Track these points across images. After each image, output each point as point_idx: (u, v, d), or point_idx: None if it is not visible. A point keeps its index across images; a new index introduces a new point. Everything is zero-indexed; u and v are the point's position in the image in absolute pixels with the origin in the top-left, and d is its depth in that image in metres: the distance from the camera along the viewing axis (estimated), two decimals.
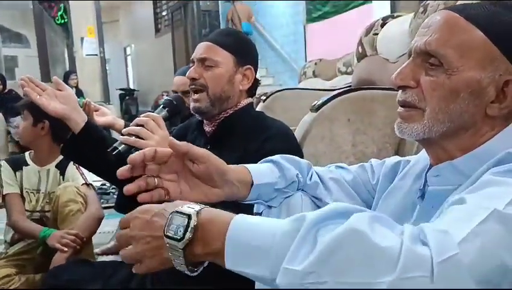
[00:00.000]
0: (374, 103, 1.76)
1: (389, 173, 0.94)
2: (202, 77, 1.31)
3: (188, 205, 0.62)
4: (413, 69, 0.75)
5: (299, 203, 0.92)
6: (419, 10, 1.98)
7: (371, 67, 2.59)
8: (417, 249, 0.48)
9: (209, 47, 1.33)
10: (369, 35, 2.64)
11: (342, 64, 5.02)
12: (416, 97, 0.74)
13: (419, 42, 0.74)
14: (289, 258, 0.51)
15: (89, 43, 10.29)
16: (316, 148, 1.71)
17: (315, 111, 1.72)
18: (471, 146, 0.73)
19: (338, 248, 0.49)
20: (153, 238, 0.61)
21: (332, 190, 0.96)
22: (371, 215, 0.53)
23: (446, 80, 0.70)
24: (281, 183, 0.91)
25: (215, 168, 0.81)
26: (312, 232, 0.52)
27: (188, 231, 0.58)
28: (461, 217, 0.53)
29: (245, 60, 1.35)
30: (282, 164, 0.93)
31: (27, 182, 1.94)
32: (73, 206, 1.77)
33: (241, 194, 0.87)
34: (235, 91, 1.34)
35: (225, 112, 1.35)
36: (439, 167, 0.76)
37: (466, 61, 0.70)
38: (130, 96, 11.77)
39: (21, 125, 1.91)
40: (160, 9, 12.33)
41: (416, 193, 0.81)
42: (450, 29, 0.71)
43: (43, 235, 1.71)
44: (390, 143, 1.75)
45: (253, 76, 1.37)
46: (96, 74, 10.47)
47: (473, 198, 0.57)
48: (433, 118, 0.72)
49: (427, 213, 0.74)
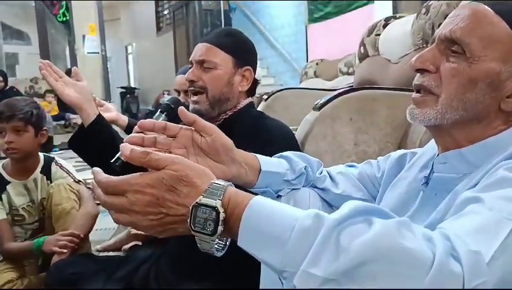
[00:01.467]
0: (376, 103, 1.77)
1: (395, 165, 0.95)
2: (201, 79, 1.31)
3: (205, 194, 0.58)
4: (434, 55, 0.75)
5: (306, 198, 0.92)
6: (422, 11, 1.99)
7: (373, 68, 2.60)
8: (450, 265, 0.48)
9: (208, 48, 1.31)
10: (371, 35, 2.65)
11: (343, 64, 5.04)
12: (433, 82, 0.74)
13: (445, 30, 0.74)
14: (310, 261, 0.50)
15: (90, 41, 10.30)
16: (318, 147, 1.72)
17: (317, 110, 1.73)
18: (481, 138, 0.73)
19: (364, 260, 0.48)
20: (166, 215, 0.58)
21: (339, 182, 0.97)
22: (396, 221, 0.52)
23: (466, 67, 0.71)
24: (290, 175, 0.91)
25: (222, 142, 0.82)
26: (334, 235, 0.51)
27: (220, 225, 0.56)
28: (485, 228, 0.53)
29: (244, 61, 1.34)
30: (290, 157, 0.94)
31: (18, 200, 1.81)
32: (67, 204, 1.75)
33: (249, 179, 0.86)
34: (234, 92, 1.33)
35: (225, 113, 1.34)
36: (446, 155, 0.77)
37: (489, 52, 0.70)
38: (130, 94, 11.79)
39: (19, 140, 1.73)
40: (162, 8, 12.35)
41: (421, 181, 0.81)
42: (477, 19, 0.72)
43: (37, 246, 1.66)
44: (391, 142, 1.76)
45: (252, 77, 1.36)
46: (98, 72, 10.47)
47: (491, 200, 0.57)
48: (448, 105, 0.72)
49: (430, 200, 0.75)
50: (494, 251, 0.51)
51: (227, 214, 0.57)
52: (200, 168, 0.62)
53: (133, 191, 0.59)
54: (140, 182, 0.59)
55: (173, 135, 0.81)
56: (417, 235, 0.51)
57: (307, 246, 0.51)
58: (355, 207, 0.53)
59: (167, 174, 0.59)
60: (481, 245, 0.51)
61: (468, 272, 0.48)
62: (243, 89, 1.35)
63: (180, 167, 0.60)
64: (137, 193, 0.59)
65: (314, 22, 8.16)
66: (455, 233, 0.52)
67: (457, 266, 0.48)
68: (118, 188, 0.60)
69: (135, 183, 0.59)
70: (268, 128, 1.32)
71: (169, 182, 0.59)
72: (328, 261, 0.49)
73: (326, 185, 0.97)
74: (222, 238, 0.60)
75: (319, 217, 0.53)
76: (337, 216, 0.52)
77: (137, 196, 0.58)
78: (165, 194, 0.58)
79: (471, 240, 0.51)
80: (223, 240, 0.60)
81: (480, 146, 0.73)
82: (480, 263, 0.49)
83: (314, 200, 0.94)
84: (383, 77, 2.39)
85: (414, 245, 0.49)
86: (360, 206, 0.54)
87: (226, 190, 0.58)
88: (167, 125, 0.80)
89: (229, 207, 0.57)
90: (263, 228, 0.54)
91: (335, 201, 0.96)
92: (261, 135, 1.27)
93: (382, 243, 0.49)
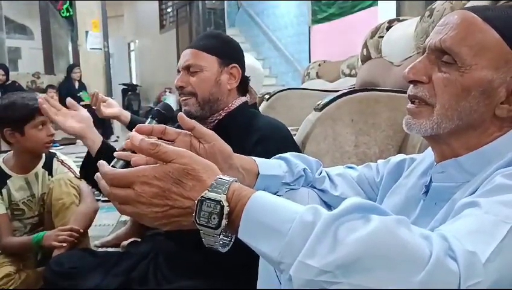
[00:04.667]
0: (377, 104, 1.77)
1: (394, 170, 0.95)
2: (189, 84, 1.33)
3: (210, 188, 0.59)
4: (426, 65, 0.75)
5: (305, 198, 0.93)
6: (425, 14, 1.99)
7: (375, 70, 2.60)
8: (447, 263, 0.49)
9: (192, 53, 1.34)
10: (374, 37, 2.66)
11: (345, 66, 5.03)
12: (427, 93, 0.74)
13: (435, 39, 0.75)
14: (306, 252, 0.51)
15: (93, 37, 10.29)
16: (319, 148, 1.73)
17: (319, 110, 1.73)
18: (477, 145, 0.73)
19: (360, 254, 0.49)
20: (172, 207, 0.60)
21: (338, 183, 0.98)
22: (394, 219, 0.52)
23: (459, 77, 0.71)
24: (288, 178, 0.92)
25: (220, 149, 0.83)
26: (332, 228, 0.51)
27: (224, 218, 0.57)
28: (482, 230, 0.54)
29: (229, 59, 1.36)
30: (289, 159, 0.94)
31: (18, 194, 1.82)
32: (67, 199, 1.75)
33: (246, 183, 0.87)
34: (223, 92, 1.35)
35: (218, 113, 1.36)
36: (444, 164, 0.77)
37: (479, 60, 0.70)
38: (132, 91, 11.77)
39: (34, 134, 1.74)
40: (165, 6, 12.35)
41: (421, 189, 0.81)
42: (466, 28, 0.72)
43: (36, 241, 1.67)
44: (392, 145, 1.76)
45: (240, 73, 1.37)
46: (100, 68, 10.46)
47: (488, 204, 0.57)
48: (442, 114, 0.73)
49: (430, 210, 0.76)
50: (491, 252, 0.51)
51: (231, 207, 0.58)
52: (206, 162, 0.63)
53: (140, 183, 0.60)
54: (148, 174, 0.60)
55: (171, 140, 0.82)
56: (415, 233, 0.51)
57: (306, 238, 0.52)
58: (354, 203, 0.54)
59: (174, 168, 0.60)
60: (477, 246, 0.51)
61: (464, 271, 0.49)
62: (232, 87, 1.37)
63: (187, 160, 0.61)
64: (144, 184, 0.60)
65: (318, 23, 8.16)
66: (452, 234, 0.53)
67: (454, 265, 0.49)
68: (125, 180, 0.61)
69: (143, 175, 0.60)
70: (260, 126, 1.33)
71: (175, 175, 0.60)
72: (325, 254, 0.50)
73: (325, 186, 0.97)
74: (227, 235, 0.61)
75: (319, 211, 0.54)
76: (336, 211, 0.53)
77: (144, 188, 0.59)
78: (171, 187, 0.60)
79: (467, 241, 0.52)
80: (227, 236, 0.61)
81: (477, 154, 0.73)
82: (477, 264, 0.50)
83: (313, 200, 0.94)
84: (385, 79, 2.39)
85: (411, 242, 0.50)
86: (360, 203, 0.55)
87: (231, 185, 0.60)
88: (166, 129, 0.81)
89: (233, 201, 0.59)
90: (264, 220, 0.56)
91: (333, 202, 0.97)
92: (253, 134, 1.28)
93: (379, 239, 0.50)
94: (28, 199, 1.85)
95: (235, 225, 0.58)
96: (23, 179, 1.84)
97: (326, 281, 0.49)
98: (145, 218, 0.61)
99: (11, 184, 1.82)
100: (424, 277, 0.47)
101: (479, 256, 0.50)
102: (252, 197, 0.58)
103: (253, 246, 0.56)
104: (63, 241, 1.60)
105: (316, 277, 0.50)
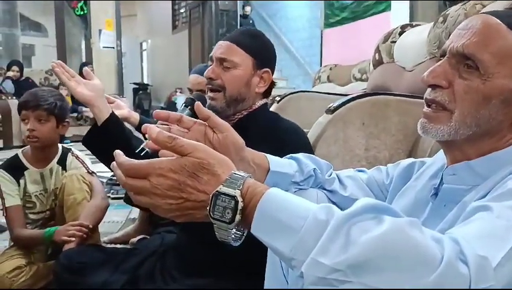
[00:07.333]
0: (389, 109, 1.77)
1: (403, 173, 0.95)
2: (220, 78, 1.31)
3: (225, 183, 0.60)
4: (446, 69, 0.74)
5: (314, 199, 0.92)
6: (439, 20, 1.98)
7: (387, 75, 2.60)
8: (458, 266, 0.49)
9: (230, 47, 1.32)
10: (386, 42, 2.65)
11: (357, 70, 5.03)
12: (446, 98, 0.73)
13: (456, 43, 0.73)
14: (319, 250, 0.51)
15: (106, 35, 10.39)
16: (329, 150, 1.73)
17: (331, 113, 1.73)
18: (490, 151, 0.73)
19: (372, 255, 0.49)
20: (186, 200, 0.60)
21: (347, 185, 0.98)
22: (407, 220, 0.52)
23: (480, 84, 0.70)
24: (298, 177, 0.92)
25: (233, 140, 0.83)
26: (345, 227, 0.52)
27: (238, 214, 0.58)
28: (493, 234, 0.54)
29: (264, 62, 1.35)
30: (300, 159, 0.94)
31: (32, 187, 1.86)
32: (79, 195, 1.77)
33: (257, 178, 0.87)
34: (251, 93, 1.34)
35: (239, 113, 1.35)
36: (455, 167, 0.77)
37: (502, 69, 0.69)
38: (143, 91, 11.84)
39: (41, 129, 1.79)
40: (178, 6, 12.40)
41: (430, 191, 0.81)
42: (490, 34, 0.71)
43: (48, 235, 1.68)
44: (402, 149, 1.76)
45: (270, 79, 1.37)
46: (112, 67, 10.56)
47: (500, 208, 0.57)
48: (461, 121, 0.72)
49: (439, 211, 0.76)
50: (502, 257, 0.51)
51: (245, 203, 0.59)
52: (222, 157, 0.63)
53: (156, 175, 0.61)
54: (164, 166, 0.61)
55: (187, 128, 0.83)
56: (426, 235, 0.52)
57: (318, 236, 0.52)
58: (367, 204, 0.55)
59: (190, 161, 0.61)
60: (489, 251, 0.51)
61: (474, 275, 0.49)
62: (260, 91, 1.36)
63: (203, 155, 0.61)
64: (160, 176, 0.60)
65: (330, 27, 8.15)
66: (463, 238, 0.53)
67: (465, 269, 0.49)
68: (141, 171, 0.61)
69: (159, 168, 0.61)
70: (284, 130, 1.32)
71: (191, 168, 0.61)
72: (337, 252, 0.50)
73: (335, 187, 0.97)
74: (240, 229, 0.61)
75: (332, 210, 0.55)
76: (349, 211, 0.54)
77: (159, 180, 0.60)
78: (186, 180, 0.60)
79: (478, 245, 0.52)
80: (240, 231, 0.62)
81: (489, 158, 0.73)
82: (487, 268, 0.50)
83: (322, 201, 0.94)
84: (397, 84, 2.38)
85: (423, 244, 0.50)
86: (372, 204, 0.55)
87: (246, 180, 0.61)
88: (182, 117, 0.83)
89: (247, 197, 0.59)
90: (277, 216, 0.56)
91: (342, 203, 0.97)
92: (276, 137, 1.27)
93: (391, 240, 0.50)
94: (40, 192, 1.88)
95: (248, 220, 0.58)
96: (39, 173, 1.88)
97: (337, 280, 0.50)
98: (159, 209, 0.62)
99: (28, 176, 1.86)
100: (434, 279, 0.47)
101: (489, 260, 0.50)
102: (266, 194, 0.58)
103: (266, 241, 0.57)
104: (72, 236, 1.62)
105: (327, 275, 0.50)
